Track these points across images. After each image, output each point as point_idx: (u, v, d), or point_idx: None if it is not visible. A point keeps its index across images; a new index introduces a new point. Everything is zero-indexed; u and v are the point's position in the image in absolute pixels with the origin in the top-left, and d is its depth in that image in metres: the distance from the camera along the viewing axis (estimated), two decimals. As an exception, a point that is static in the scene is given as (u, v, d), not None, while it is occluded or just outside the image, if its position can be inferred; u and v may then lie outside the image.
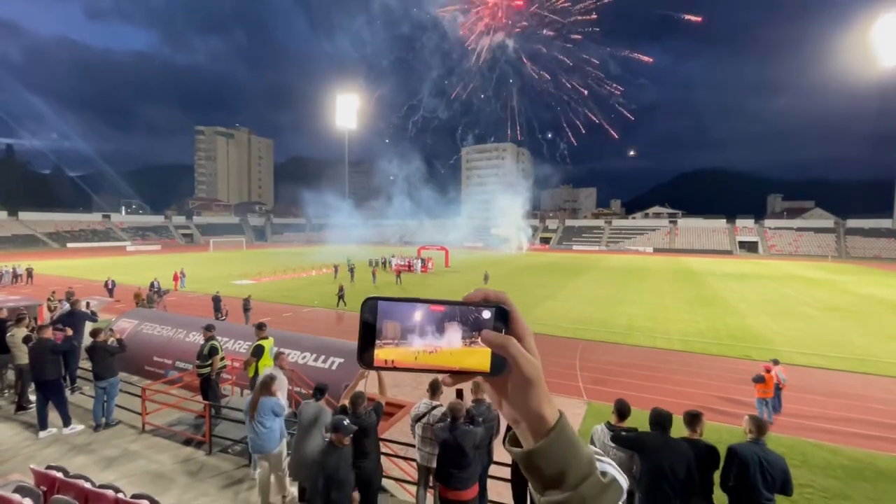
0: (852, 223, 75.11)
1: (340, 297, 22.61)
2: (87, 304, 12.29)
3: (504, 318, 0.61)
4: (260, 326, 8.30)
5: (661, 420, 4.19)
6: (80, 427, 7.53)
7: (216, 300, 18.64)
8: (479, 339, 0.59)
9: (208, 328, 8.39)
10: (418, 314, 0.59)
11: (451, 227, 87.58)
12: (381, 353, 0.59)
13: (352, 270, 34.25)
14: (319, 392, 5.47)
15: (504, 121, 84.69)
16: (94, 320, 10.95)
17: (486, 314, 0.60)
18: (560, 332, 18.07)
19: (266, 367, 7.43)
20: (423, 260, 41.49)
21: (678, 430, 4.28)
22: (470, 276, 37.49)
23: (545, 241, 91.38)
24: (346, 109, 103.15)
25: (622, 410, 4.64)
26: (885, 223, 71.32)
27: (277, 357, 7.05)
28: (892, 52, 65.90)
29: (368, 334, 0.59)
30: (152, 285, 22.02)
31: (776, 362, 9.75)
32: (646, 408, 9.64)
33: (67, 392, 8.31)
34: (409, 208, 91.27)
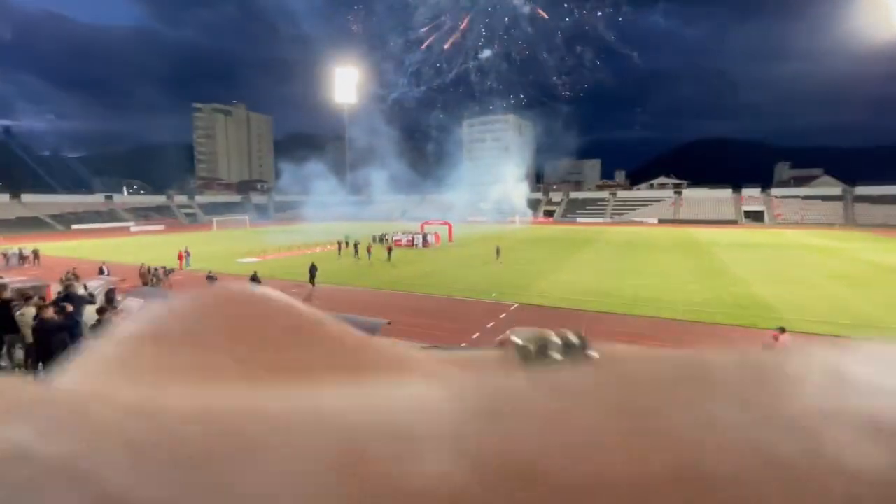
0: (861, 190, 74.04)
1: (313, 275, 21.56)
2: (85, 286, 12.26)
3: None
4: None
5: None
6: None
7: (211, 279, 18.53)
8: None
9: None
10: None
11: (453, 201, 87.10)
12: None
13: (356, 246, 33.70)
14: None
15: (507, 90, 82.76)
16: (92, 303, 10.93)
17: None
18: (566, 304, 18.08)
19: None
20: (425, 236, 41.27)
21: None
22: (475, 250, 37.39)
23: (549, 213, 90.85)
24: (345, 83, 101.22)
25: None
26: (893, 189, 70.20)
27: None
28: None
29: None
30: (148, 270, 20.76)
31: (783, 330, 9.71)
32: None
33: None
34: (411, 183, 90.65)
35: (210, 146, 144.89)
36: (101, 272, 22.70)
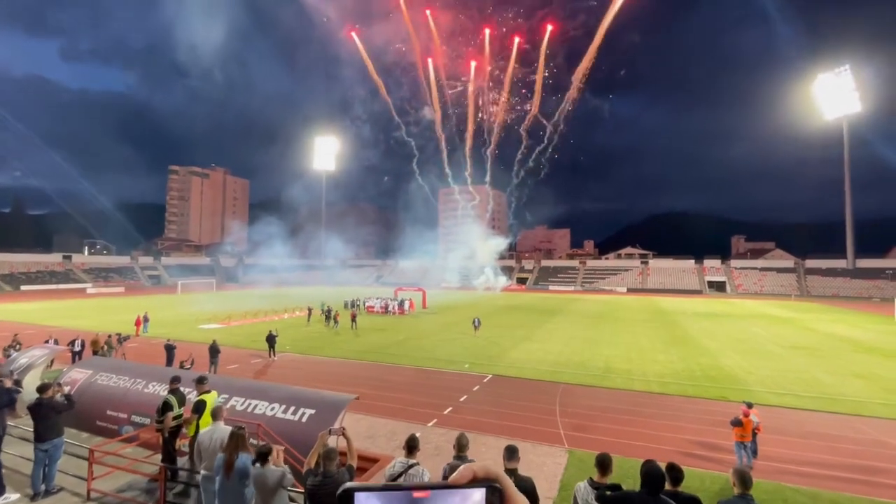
0: (811, 263, 78.99)
1: (271, 344, 20.59)
2: (12, 373, 10.28)
3: (498, 496, 0.56)
4: (200, 380, 7.60)
5: (652, 479, 3.96)
6: (15, 496, 6.78)
7: (169, 349, 17.46)
8: None
9: (174, 380, 7.86)
10: None
11: (428, 267, 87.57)
12: None
13: (329, 313, 32.33)
14: (262, 457, 4.92)
15: (481, 163, 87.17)
16: (12, 402, 8.16)
17: (477, 495, 0.55)
18: (539, 375, 17.84)
19: (207, 425, 6.66)
20: (400, 301, 40.84)
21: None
22: (449, 317, 37.09)
23: (521, 281, 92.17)
24: (324, 151, 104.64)
25: (604, 464, 4.49)
26: (840, 263, 75.27)
27: (216, 413, 6.30)
28: (830, 106, 72.27)
29: None
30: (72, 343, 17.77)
31: (749, 405, 9.79)
32: (628, 455, 9.47)
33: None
34: (386, 248, 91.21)
35: (183, 208, 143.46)
36: (48, 342, 21.00)
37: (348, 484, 0.55)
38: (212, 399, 7.36)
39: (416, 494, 0.54)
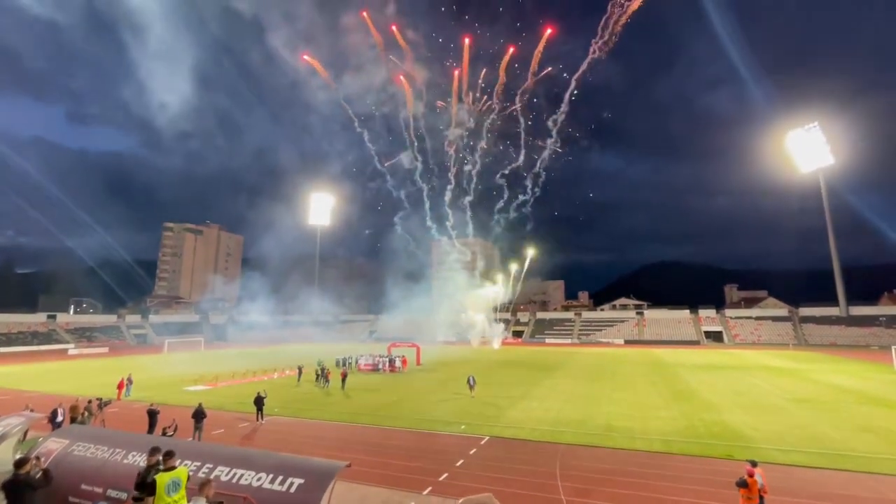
0: (805, 311, 79.17)
1: (259, 407, 19.70)
2: None
3: None
4: (168, 454, 7.06)
5: None
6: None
7: (152, 414, 16.69)
8: None
9: (153, 451, 7.45)
10: None
11: (422, 321, 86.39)
12: None
13: (323, 371, 30.81)
14: None
15: (476, 217, 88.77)
16: None
17: None
18: (538, 435, 17.18)
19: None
20: (391, 359, 39.60)
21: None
22: (444, 374, 36.12)
23: (517, 334, 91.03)
24: (319, 206, 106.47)
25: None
26: (833, 311, 75.50)
27: (202, 487, 5.96)
28: (805, 160, 75.75)
29: None
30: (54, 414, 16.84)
31: (754, 464, 9.43)
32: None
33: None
34: (379, 303, 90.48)
35: (175, 264, 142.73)
36: (30, 410, 20.01)
37: None
38: (181, 476, 6.81)
39: None
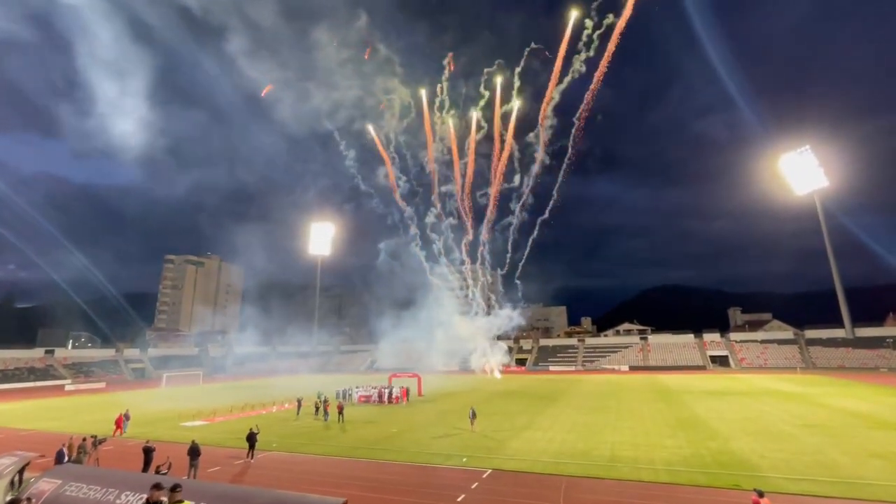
0: (810, 334, 78.16)
1: (251, 444, 19.23)
2: None
3: None
4: (175, 488, 6.99)
5: None
6: None
7: (147, 452, 16.28)
8: None
9: (156, 487, 7.36)
10: None
11: (423, 350, 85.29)
12: None
13: (324, 403, 30.33)
14: None
15: (475, 244, 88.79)
16: None
17: None
18: (541, 467, 16.78)
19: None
20: (390, 391, 38.81)
21: None
22: (445, 405, 35.47)
23: (521, 361, 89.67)
24: (320, 236, 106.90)
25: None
26: (839, 333, 74.58)
27: None
28: (800, 183, 76.65)
29: None
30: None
31: (761, 494, 9.25)
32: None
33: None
34: (380, 333, 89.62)
35: (175, 297, 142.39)
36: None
37: None
38: None
39: None
